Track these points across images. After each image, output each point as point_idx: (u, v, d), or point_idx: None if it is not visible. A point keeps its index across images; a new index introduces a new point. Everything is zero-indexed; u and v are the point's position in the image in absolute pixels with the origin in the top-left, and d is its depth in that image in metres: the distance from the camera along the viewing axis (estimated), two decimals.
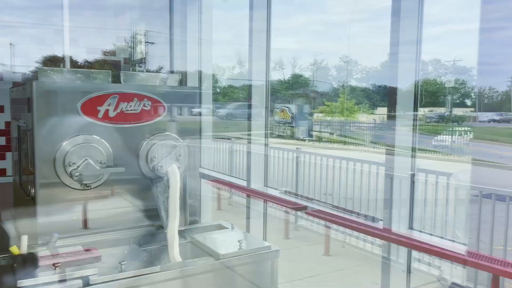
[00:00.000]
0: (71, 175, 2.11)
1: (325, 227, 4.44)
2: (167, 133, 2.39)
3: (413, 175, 3.11)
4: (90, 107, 2.18)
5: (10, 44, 4.35)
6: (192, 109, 2.52)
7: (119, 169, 2.23)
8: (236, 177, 4.68)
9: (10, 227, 2.83)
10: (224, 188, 5.13)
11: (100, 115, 2.21)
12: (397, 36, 2.98)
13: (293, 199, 3.59)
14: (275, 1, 4.02)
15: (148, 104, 2.34)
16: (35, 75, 2.16)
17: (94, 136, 2.20)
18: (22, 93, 2.38)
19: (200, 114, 2.56)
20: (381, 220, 3.24)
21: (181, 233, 2.21)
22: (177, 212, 2.15)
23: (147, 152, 2.32)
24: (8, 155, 4.48)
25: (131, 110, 2.29)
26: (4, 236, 2.93)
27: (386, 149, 3.40)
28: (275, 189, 3.66)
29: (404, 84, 3.11)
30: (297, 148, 5.41)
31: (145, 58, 5.66)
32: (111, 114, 2.23)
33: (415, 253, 3.38)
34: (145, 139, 2.32)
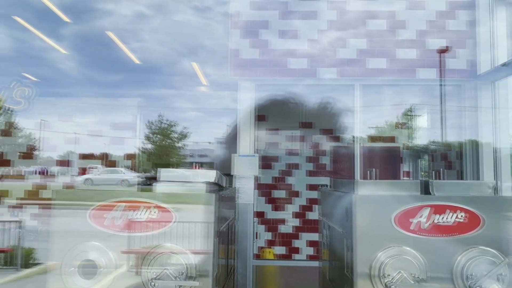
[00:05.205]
0: (386, 287, 2.18)
1: None
2: (485, 248, 2.20)
3: None
4: (403, 219, 2.24)
5: None
6: None
7: (434, 286, 2.16)
8: None
9: None
10: None
11: (412, 226, 2.24)
12: None
13: None
14: None
15: (462, 215, 2.23)
16: (352, 186, 2.39)
17: (406, 247, 2.23)
18: (337, 199, 2.69)
19: None
20: None
21: None
22: None
23: (462, 268, 2.18)
24: (302, 235, 5.12)
25: (444, 222, 2.23)
26: None
27: None
28: None
29: None
30: None
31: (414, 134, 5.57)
32: (423, 226, 2.23)
33: None
34: (460, 253, 2.20)
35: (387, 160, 5.00)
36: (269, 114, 4.88)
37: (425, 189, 2.36)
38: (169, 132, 11.97)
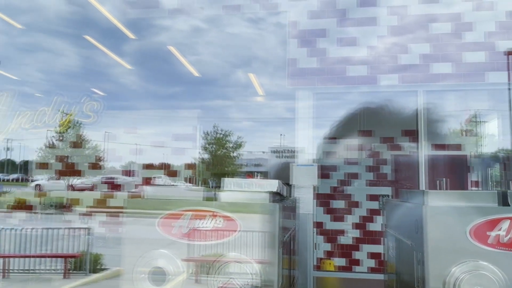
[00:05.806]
0: None
1: None
2: None
3: None
4: (480, 232, 2.11)
5: None
6: None
7: None
8: None
9: None
10: None
11: (490, 240, 2.10)
12: None
13: None
14: None
15: None
16: (422, 197, 2.29)
17: (483, 262, 2.10)
18: (404, 210, 2.58)
19: None
20: None
21: None
22: None
23: None
24: (363, 247, 4.97)
25: None
26: None
27: None
28: None
29: None
30: None
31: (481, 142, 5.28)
32: (503, 239, 2.09)
33: None
34: None
35: (454, 169, 4.75)
36: (327, 122, 4.82)
37: (503, 200, 2.21)
38: (224, 142, 12.19)
